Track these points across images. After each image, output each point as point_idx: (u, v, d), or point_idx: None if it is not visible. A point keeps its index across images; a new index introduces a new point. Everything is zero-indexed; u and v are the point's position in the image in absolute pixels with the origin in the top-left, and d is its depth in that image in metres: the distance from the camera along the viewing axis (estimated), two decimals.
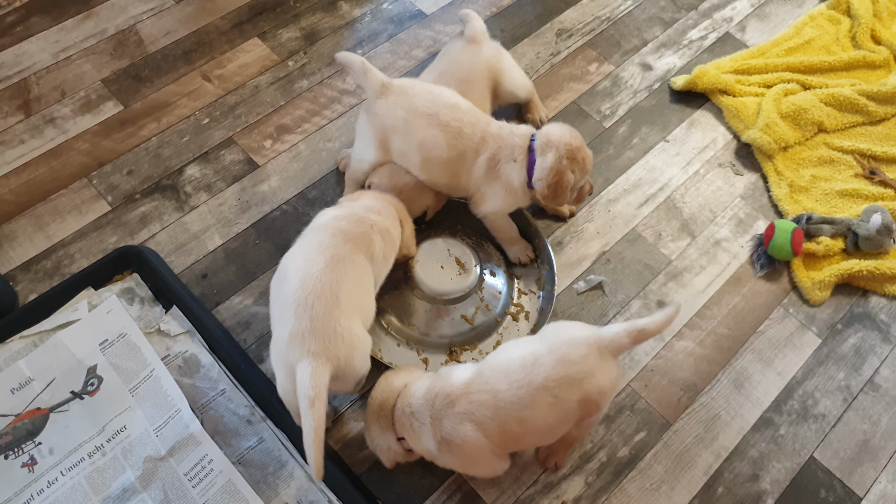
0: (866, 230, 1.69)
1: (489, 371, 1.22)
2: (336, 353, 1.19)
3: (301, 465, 1.37)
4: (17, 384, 1.43)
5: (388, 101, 1.51)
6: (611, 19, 2.19)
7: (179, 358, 1.50)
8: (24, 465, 1.35)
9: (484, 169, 1.53)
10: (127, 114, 1.91)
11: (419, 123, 1.50)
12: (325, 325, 1.19)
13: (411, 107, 1.50)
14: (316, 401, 1.12)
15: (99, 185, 1.77)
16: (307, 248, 1.32)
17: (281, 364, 1.22)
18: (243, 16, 2.13)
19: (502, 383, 1.18)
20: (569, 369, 1.16)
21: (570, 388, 1.17)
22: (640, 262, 1.72)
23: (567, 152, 1.49)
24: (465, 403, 1.19)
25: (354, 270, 1.30)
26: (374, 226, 1.38)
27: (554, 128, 1.53)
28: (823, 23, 2.20)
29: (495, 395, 1.18)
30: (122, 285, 1.58)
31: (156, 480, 1.33)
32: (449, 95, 1.54)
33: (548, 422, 1.19)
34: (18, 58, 1.99)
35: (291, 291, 1.23)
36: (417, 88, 1.53)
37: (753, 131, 1.89)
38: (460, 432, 1.18)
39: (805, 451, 1.48)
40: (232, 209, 1.75)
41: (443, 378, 1.25)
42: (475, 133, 1.51)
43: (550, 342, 1.21)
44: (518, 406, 1.17)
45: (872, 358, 1.61)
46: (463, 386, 1.21)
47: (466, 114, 1.52)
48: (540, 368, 1.17)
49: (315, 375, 1.14)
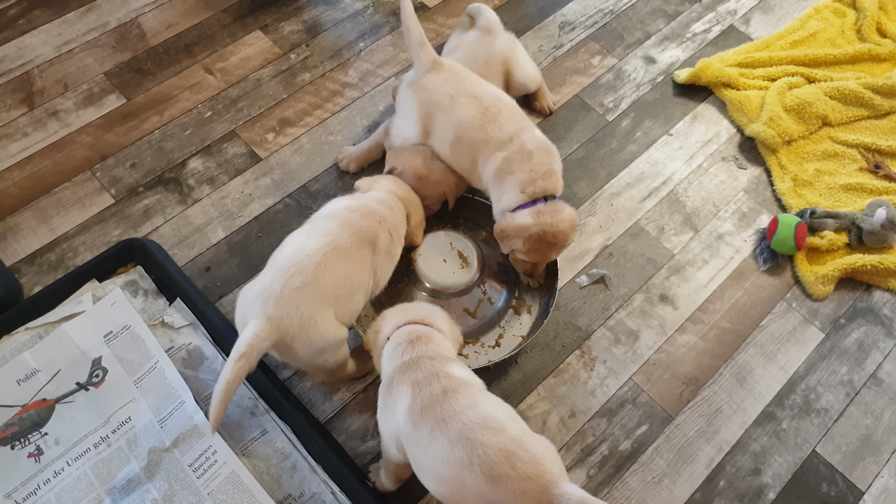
0: (870, 224, 1.68)
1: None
2: (287, 326, 1.22)
3: (304, 457, 1.38)
4: (23, 375, 1.44)
5: (439, 78, 1.53)
6: (614, 12, 2.18)
7: (183, 350, 1.50)
8: (30, 456, 1.36)
9: (496, 166, 1.51)
10: (129, 107, 1.91)
11: (464, 102, 1.51)
12: (291, 298, 1.22)
13: (459, 86, 1.53)
14: (244, 357, 1.17)
15: (102, 178, 1.78)
16: (312, 230, 1.34)
17: (240, 312, 1.27)
18: (245, 9, 2.13)
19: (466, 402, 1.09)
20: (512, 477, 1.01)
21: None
22: (642, 255, 1.72)
23: (540, 234, 1.44)
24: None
25: (348, 265, 1.30)
26: (382, 221, 1.39)
27: (560, 206, 1.47)
28: (829, 15, 2.19)
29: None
30: (125, 278, 1.59)
31: (160, 471, 1.34)
32: (494, 87, 1.58)
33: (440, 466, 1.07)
34: (21, 51, 1.99)
35: (281, 259, 1.28)
36: (467, 73, 1.57)
37: (757, 125, 1.88)
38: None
39: (807, 446, 1.48)
40: (235, 202, 1.75)
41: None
42: (507, 128, 1.50)
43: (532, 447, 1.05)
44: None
45: (875, 353, 1.61)
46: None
47: (507, 107, 1.54)
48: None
49: (257, 336, 1.18)
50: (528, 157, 1.48)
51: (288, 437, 1.40)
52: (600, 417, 1.50)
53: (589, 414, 1.50)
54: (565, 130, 1.92)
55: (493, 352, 1.53)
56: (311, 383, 1.51)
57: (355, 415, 1.48)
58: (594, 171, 1.85)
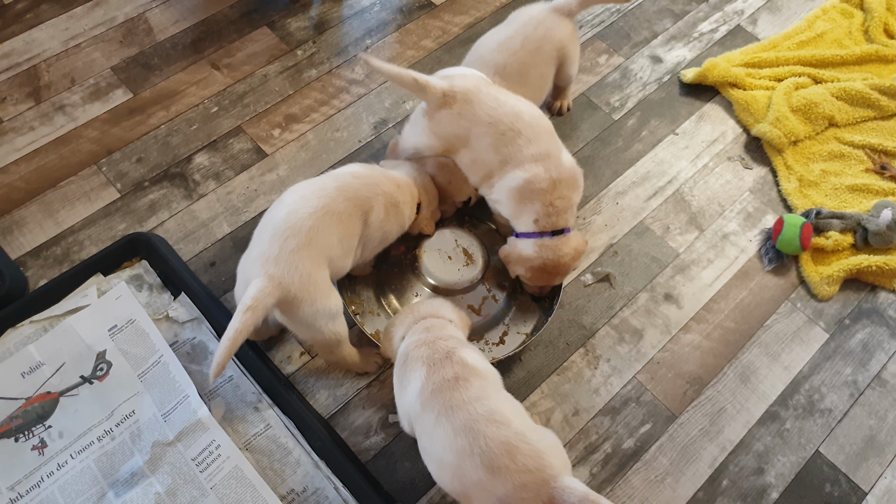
0: (876, 225, 1.68)
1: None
2: (289, 284, 1.24)
3: (307, 453, 1.38)
4: (28, 368, 1.44)
5: (452, 112, 1.44)
6: (621, 10, 2.18)
7: (188, 345, 1.51)
8: (34, 448, 1.36)
9: (516, 185, 1.44)
10: (136, 102, 1.91)
11: (478, 132, 1.44)
12: (290, 259, 1.25)
13: (473, 116, 1.43)
14: (250, 310, 1.19)
15: (108, 173, 1.78)
16: (309, 187, 1.35)
17: (242, 276, 1.30)
18: (252, 4, 2.13)
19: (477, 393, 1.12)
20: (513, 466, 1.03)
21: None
22: (647, 254, 1.72)
23: (542, 265, 1.45)
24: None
25: (341, 228, 1.32)
26: (382, 195, 1.40)
27: (565, 240, 1.45)
28: (836, 16, 2.18)
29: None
30: (130, 272, 1.59)
31: (164, 465, 1.34)
32: (515, 102, 1.46)
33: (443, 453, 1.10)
34: (28, 45, 2.00)
35: (276, 220, 1.29)
36: (482, 95, 1.44)
37: (763, 125, 1.88)
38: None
39: (811, 446, 1.48)
40: (240, 198, 1.76)
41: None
42: (528, 150, 1.42)
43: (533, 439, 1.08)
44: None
45: (880, 353, 1.60)
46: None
47: (529, 126, 1.43)
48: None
49: (261, 291, 1.21)
50: (552, 187, 1.42)
51: (291, 433, 1.40)
52: (604, 416, 1.49)
53: (592, 412, 1.50)
54: (571, 129, 1.92)
55: (498, 349, 1.53)
56: (320, 363, 1.51)
57: (359, 410, 1.48)
58: (600, 169, 1.85)
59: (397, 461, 1.43)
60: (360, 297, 1.59)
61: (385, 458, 1.43)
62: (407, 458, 1.43)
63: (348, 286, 1.58)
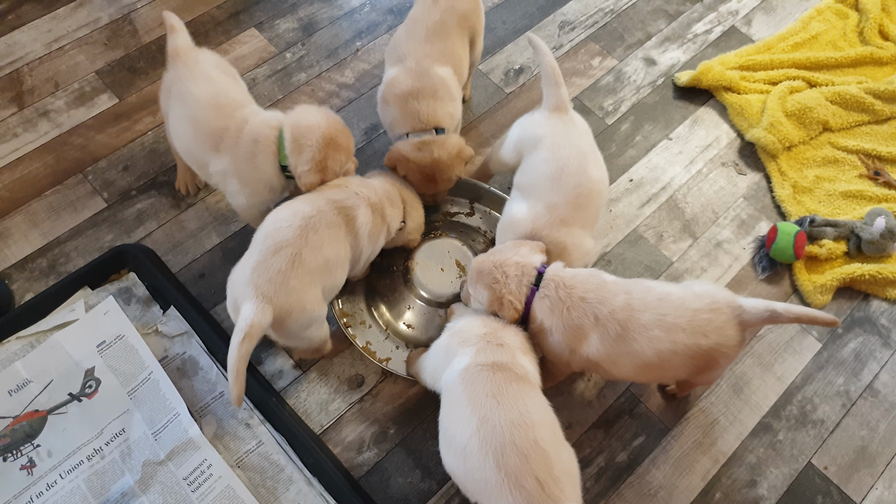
0: (870, 234, 1.67)
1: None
2: (282, 303, 1.25)
3: (300, 469, 1.37)
4: (15, 386, 1.42)
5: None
6: (614, 11, 2.15)
7: (178, 359, 1.49)
8: (22, 468, 1.34)
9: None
10: (122, 107, 1.87)
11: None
12: (282, 278, 1.25)
13: None
14: (246, 339, 1.21)
15: (94, 181, 1.75)
16: (294, 205, 1.35)
17: (232, 296, 1.31)
18: (239, 5, 2.09)
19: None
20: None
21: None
22: (641, 263, 1.71)
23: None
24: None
25: (328, 240, 1.32)
26: (364, 200, 1.39)
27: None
28: (831, 17, 2.16)
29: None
30: (119, 285, 1.57)
31: (155, 484, 1.33)
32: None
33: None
34: (10, 48, 1.95)
35: (265, 239, 1.29)
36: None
37: (757, 130, 1.87)
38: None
39: (803, 457, 1.49)
40: (229, 207, 1.72)
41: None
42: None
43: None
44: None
45: (872, 363, 1.61)
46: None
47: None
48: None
49: (256, 315, 1.22)
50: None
51: (283, 449, 1.39)
52: (597, 429, 1.49)
53: (586, 425, 1.49)
54: None
55: None
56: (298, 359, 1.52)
57: (351, 425, 1.47)
58: None
59: (390, 477, 1.42)
60: (351, 309, 1.57)
61: (378, 473, 1.42)
62: (400, 474, 1.42)
63: (340, 296, 1.56)
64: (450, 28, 1.59)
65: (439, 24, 1.57)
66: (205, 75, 1.44)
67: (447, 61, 1.58)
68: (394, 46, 1.62)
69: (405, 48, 1.57)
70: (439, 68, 1.55)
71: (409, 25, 1.61)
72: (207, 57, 1.49)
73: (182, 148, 1.49)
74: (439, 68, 1.55)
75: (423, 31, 1.57)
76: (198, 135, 1.42)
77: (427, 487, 1.41)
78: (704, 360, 1.23)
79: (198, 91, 1.41)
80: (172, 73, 1.46)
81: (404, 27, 1.62)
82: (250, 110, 1.45)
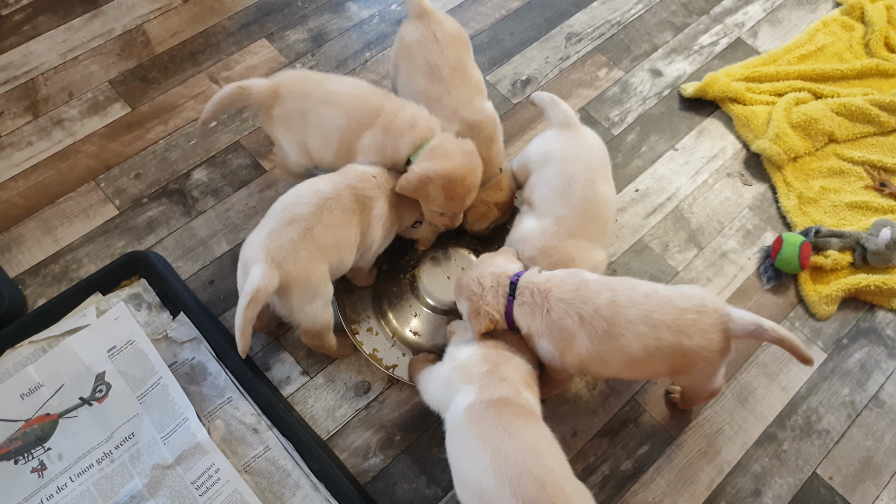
0: (875, 245, 1.68)
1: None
2: (288, 270, 1.30)
3: (306, 475, 1.39)
4: (27, 389, 1.44)
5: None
6: (621, 23, 2.17)
7: (187, 365, 1.51)
8: (33, 471, 1.36)
9: None
10: (134, 116, 1.91)
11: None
12: (291, 247, 1.31)
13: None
14: (252, 303, 1.26)
15: (107, 189, 1.78)
16: (315, 182, 1.40)
17: (244, 258, 1.35)
18: (251, 16, 2.12)
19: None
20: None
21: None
22: (646, 273, 1.72)
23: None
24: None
25: (342, 222, 1.37)
26: (384, 192, 1.44)
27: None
28: (837, 29, 2.17)
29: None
30: (129, 291, 1.59)
31: (163, 488, 1.35)
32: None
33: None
34: (26, 58, 1.99)
35: (281, 210, 1.36)
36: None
37: (763, 141, 1.88)
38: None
39: (808, 467, 1.49)
40: (239, 214, 1.75)
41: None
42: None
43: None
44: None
45: (878, 374, 1.61)
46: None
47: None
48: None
49: (263, 279, 1.27)
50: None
51: (290, 455, 1.40)
52: (602, 437, 1.50)
53: (591, 433, 1.50)
54: None
55: None
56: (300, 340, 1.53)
57: (357, 432, 1.48)
58: None
59: (396, 483, 1.43)
60: (358, 315, 1.59)
61: (384, 479, 1.43)
62: (406, 480, 1.43)
63: (347, 303, 1.58)
64: (464, 58, 1.61)
65: (456, 60, 1.58)
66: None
67: (482, 94, 1.61)
68: (416, 96, 1.57)
69: (442, 97, 1.55)
70: (485, 103, 1.60)
71: (427, 71, 1.56)
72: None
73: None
74: (485, 103, 1.60)
75: (449, 73, 1.56)
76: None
77: (432, 494, 1.42)
78: (684, 360, 1.24)
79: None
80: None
81: (420, 76, 1.57)
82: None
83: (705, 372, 1.29)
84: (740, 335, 1.23)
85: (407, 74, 1.61)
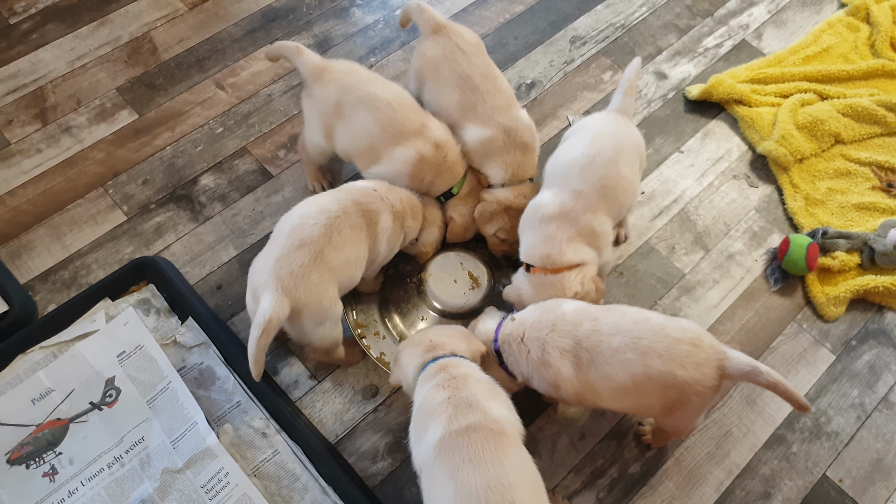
0: (883, 245, 1.67)
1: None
2: (299, 296, 1.30)
3: (315, 479, 1.39)
4: (38, 395, 1.45)
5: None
6: (625, 26, 2.18)
7: (195, 370, 1.51)
8: (45, 475, 1.37)
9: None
10: (141, 122, 1.92)
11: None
12: (301, 272, 1.30)
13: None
14: (265, 333, 1.26)
15: (115, 195, 1.79)
16: (319, 200, 1.40)
17: (252, 285, 1.35)
18: (256, 23, 2.14)
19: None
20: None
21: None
22: (653, 275, 1.72)
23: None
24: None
25: (350, 240, 1.37)
26: (389, 207, 1.44)
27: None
28: (842, 30, 2.17)
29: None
30: (138, 296, 1.60)
31: (173, 492, 1.35)
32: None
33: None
34: (34, 66, 2.01)
35: (288, 232, 1.34)
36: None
37: (769, 143, 1.88)
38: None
39: (817, 470, 1.48)
40: (246, 220, 1.76)
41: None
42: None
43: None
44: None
45: (887, 375, 1.60)
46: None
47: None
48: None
49: (274, 308, 1.26)
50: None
51: (299, 458, 1.41)
52: (610, 440, 1.50)
53: (599, 436, 1.50)
54: None
55: None
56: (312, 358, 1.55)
57: (366, 435, 1.49)
58: None
59: (404, 487, 1.43)
60: (365, 320, 1.59)
61: (392, 483, 1.43)
62: (414, 484, 1.43)
63: (354, 307, 1.59)
64: (490, 64, 1.63)
65: (485, 68, 1.60)
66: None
67: (516, 105, 1.62)
68: (448, 108, 1.60)
69: (477, 105, 1.57)
70: (520, 112, 1.61)
71: (459, 83, 1.58)
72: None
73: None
74: (520, 112, 1.61)
75: (481, 81, 1.57)
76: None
77: None
78: (676, 393, 1.19)
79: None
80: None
81: (451, 89, 1.59)
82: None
83: (697, 407, 1.23)
84: (734, 375, 1.19)
85: (435, 90, 1.63)
